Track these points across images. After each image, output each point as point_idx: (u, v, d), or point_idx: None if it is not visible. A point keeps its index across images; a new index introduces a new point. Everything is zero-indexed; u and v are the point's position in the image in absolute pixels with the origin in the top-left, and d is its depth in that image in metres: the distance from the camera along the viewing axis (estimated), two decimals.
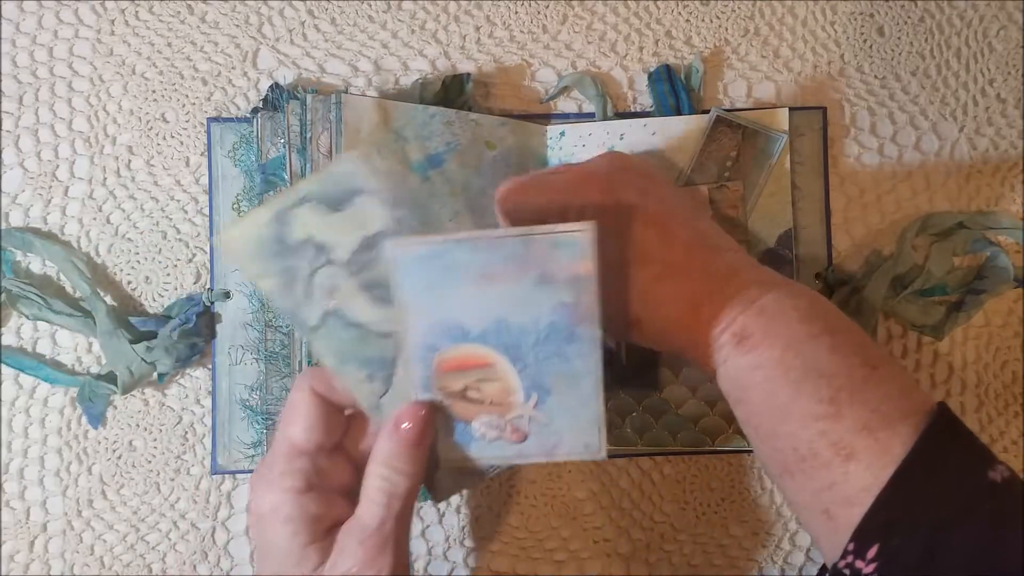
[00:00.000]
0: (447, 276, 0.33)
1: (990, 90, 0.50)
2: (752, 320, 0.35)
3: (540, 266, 0.33)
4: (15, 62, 0.50)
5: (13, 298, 0.47)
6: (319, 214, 0.34)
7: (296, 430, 0.36)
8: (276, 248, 0.34)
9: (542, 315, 0.33)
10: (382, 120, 0.44)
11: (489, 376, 0.35)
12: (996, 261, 0.48)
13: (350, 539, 0.35)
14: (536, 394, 0.35)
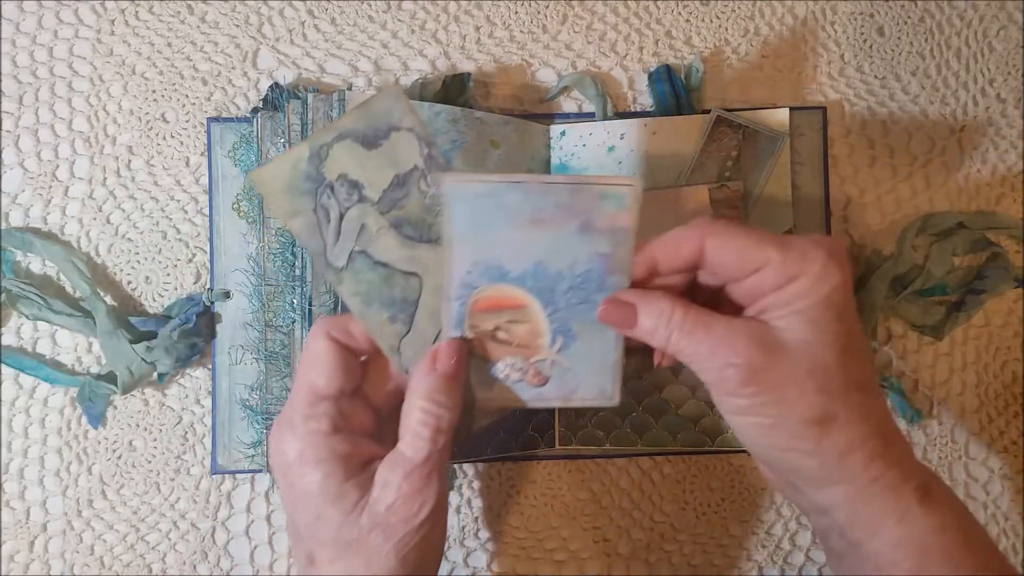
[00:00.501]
0: (497, 216, 0.34)
1: (990, 90, 0.50)
2: (928, 474, 0.33)
3: (585, 215, 0.34)
4: (15, 62, 0.50)
5: (13, 298, 0.47)
6: (355, 151, 0.35)
7: (317, 376, 0.36)
8: (309, 186, 0.34)
9: (579, 262, 0.35)
10: None
11: (520, 318, 0.36)
12: (996, 261, 0.48)
13: (394, 472, 0.35)
14: (562, 339, 0.36)
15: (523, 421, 0.47)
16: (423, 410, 0.35)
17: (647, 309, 0.34)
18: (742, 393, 0.32)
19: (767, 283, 0.32)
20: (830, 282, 0.31)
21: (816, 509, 0.35)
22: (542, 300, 0.35)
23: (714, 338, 0.32)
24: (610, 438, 0.48)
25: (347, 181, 0.35)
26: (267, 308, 0.47)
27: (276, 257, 0.46)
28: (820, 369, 0.31)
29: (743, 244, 0.32)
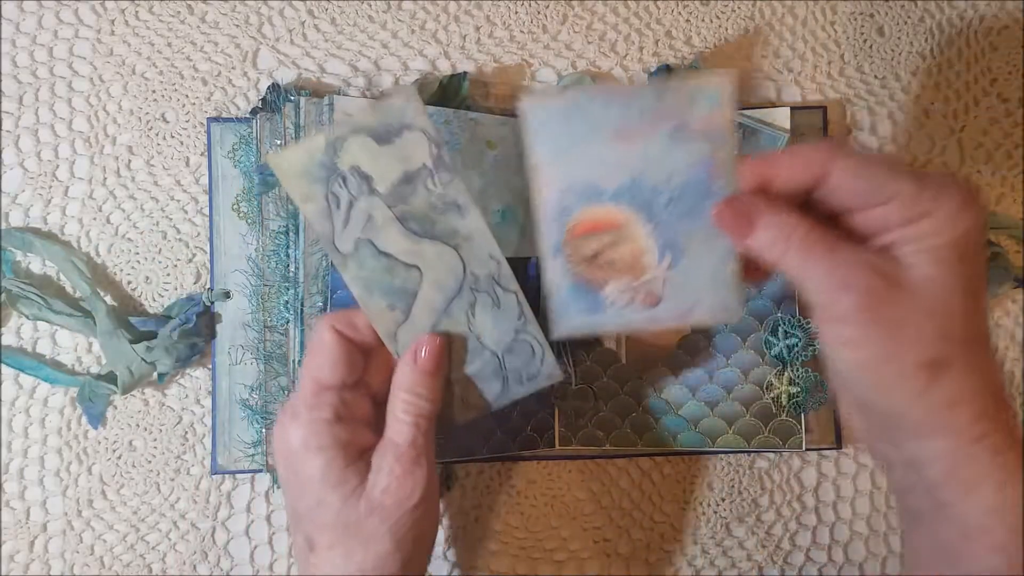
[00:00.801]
0: (581, 134, 0.32)
1: (990, 90, 0.50)
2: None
3: (676, 119, 0.32)
4: (15, 62, 0.50)
5: (13, 298, 0.47)
6: (368, 146, 0.36)
7: (321, 367, 0.38)
8: (323, 174, 0.36)
9: (677, 171, 0.33)
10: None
11: (620, 238, 0.34)
12: (996, 261, 0.48)
13: (385, 458, 0.38)
14: (670, 254, 0.34)
15: (522, 421, 0.47)
16: (404, 400, 0.38)
17: (769, 220, 0.31)
18: (856, 320, 0.30)
19: (894, 216, 0.30)
20: (964, 223, 0.29)
21: (906, 462, 0.32)
22: (642, 216, 0.33)
23: (836, 260, 0.30)
24: (610, 438, 0.48)
25: (358, 173, 0.36)
26: (263, 308, 0.47)
27: (271, 258, 0.46)
28: (943, 312, 0.29)
29: (875, 172, 0.30)
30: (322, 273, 0.44)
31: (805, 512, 0.49)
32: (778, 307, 0.47)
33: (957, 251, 0.29)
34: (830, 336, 0.31)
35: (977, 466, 0.30)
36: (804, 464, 0.49)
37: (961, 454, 0.30)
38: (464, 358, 0.40)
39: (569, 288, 0.35)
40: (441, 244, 0.38)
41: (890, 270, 0.30)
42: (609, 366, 0.48)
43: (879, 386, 0.31)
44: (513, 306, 0.39)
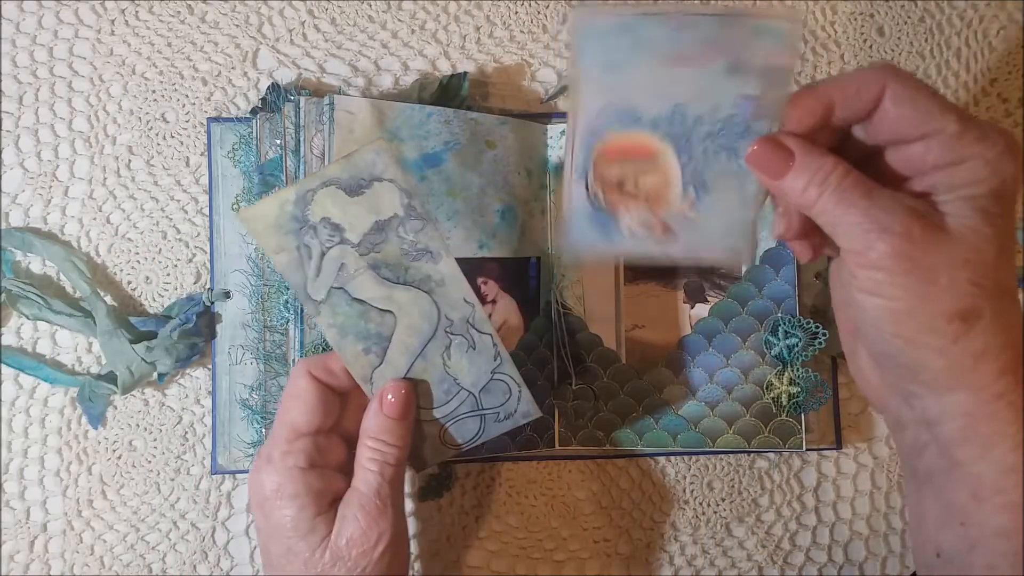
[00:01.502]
0: (631, 54, 0.31)
1: (990, 90, 0.50)
2: None
3: (735, 52, 0.30)
4: (15, 62, 0.50)
5: (13, 298, 0.47)
6: (338, 198, 0.37)
7: (297, 414, 0.38)
8: (294, 225, 0.37)
9: (723, 105, 0.31)
10: (376, 121, 0.44)
11: (649, 168, 0.33)
12: None
13: (350, 507, 0.38)
14: (694, 191, 0.33)
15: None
16: (370, 448, 0.38)
17: (805, 162, 0.30)
18: (888, 267, 0.29)
19: (933, 155, 0.29)
20: (1004, 173, 0.28)
21: (921, 420, 0.32)
22: (677, 148, 0.32)
23: (872, 204, 0.29)
24: (610, 438, 0.48)
25: (329, 224, 0.37)
26: (263, 308, 0.47)
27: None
28: (979, 262, 0.28)
29: (926, 104, 0.29)
30: None
31: (805, 512, 0.49)
32: (778, 307, 0.47)
33: (997, 201, 0.29)
34: (862, 283, 0.30)
35: (996, 424, 0.29)
36: (804, 464, 0.49)
37: (981, 411, 0.29)
38: (440, 399, 0.40)
39: (587, 213, 0.34)
40: (415, 290, 0.38)
41: (930, 215, 0.29)
42: (609, 366, 0.48)
43: (907, 335, 0.30)
44: (489, 347, 0.40)
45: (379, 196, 0.37)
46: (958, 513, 0.31)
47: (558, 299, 0.48)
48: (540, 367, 0.48)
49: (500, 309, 0.47)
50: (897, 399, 0.33)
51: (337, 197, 0.37)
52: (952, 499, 0.31)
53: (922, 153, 0.29)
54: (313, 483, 0.38)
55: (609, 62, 0.31)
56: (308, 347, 0.44)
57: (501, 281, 0.47)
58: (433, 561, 0.49)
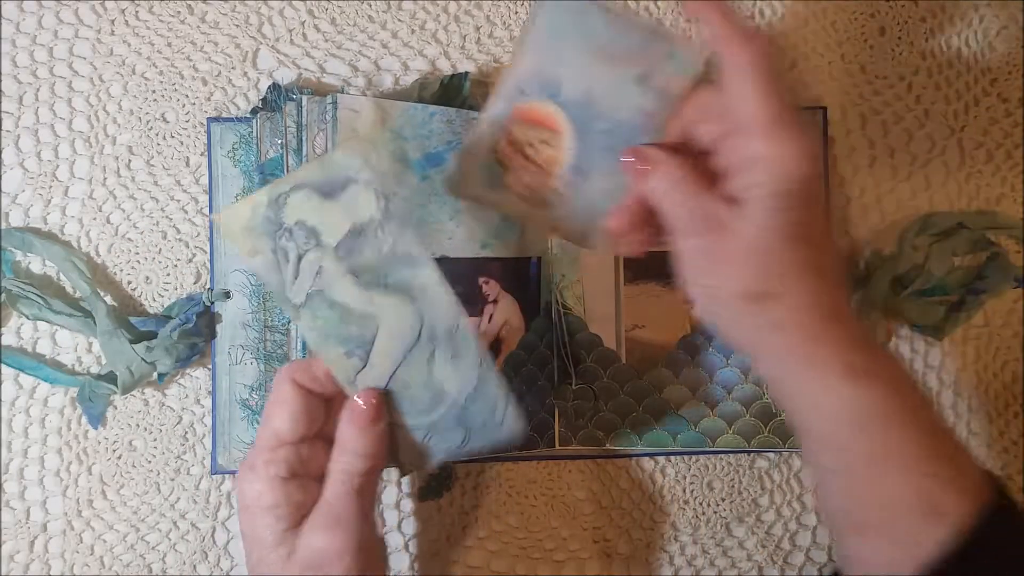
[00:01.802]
0: (574, 35, 0.36)
1: (990, 90, 0.50)
2: (864, 354, 0.34)
3: (648, 66, 0.35)
4: (15, 62, 0.50)
5: (13, 298, 0.47)
6: (312, 200, 0.36)
7: (280, 421, 0.37)
8: (269, 228, 0.36)
9: (622, 109, 0.37)
10: (379, 120, 0.44)
11: (551, 141, 0.38)
12: (996, 261, 0.48)
13: (316, 518, 0.37)
14: (572, 175, 0.39)
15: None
16: (338, 458, 0.38)
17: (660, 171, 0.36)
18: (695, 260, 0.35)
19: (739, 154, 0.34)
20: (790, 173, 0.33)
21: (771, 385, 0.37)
22: (576, 132, 0.37)
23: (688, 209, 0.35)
24: (610, 438, 0.48)
25: (305, 227, 0.36)
26: (265, 308, 0.47)
27: None
28: (764, 250, 0.33)
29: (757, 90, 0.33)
30: None
31: (805, 512, 0.49)
32: None
33: (782, 202, 0.33)
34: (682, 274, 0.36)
35: (809, 382, 0.34)
36: (804, 464, 0.49)
37: (794, 373, 0.34)
38: (425, 406, 0.39)
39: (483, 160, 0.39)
40: (395, 296, 0.37)
41: (723, 216, 0.34)
42: (609, 366, 0.48)
43: (719, 315, 0.36)
44: (474, 358, 0.38)
45: (355, 199, 0.36)
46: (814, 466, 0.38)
47: (558, 299, 0.48)
48: (540, 367, 0.48)
49: (501, 309, 0.47)
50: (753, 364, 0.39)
51: (311, 199, 0.36)
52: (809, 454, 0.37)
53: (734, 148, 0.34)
54: (292, 494, 0.37)
55: (555, 34, 0.36)
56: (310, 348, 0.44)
57: (502, 281, 0.47)
58: (433, 561, 0.49)
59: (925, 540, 0.32)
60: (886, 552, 0.33)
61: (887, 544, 0.33)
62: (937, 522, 0.32)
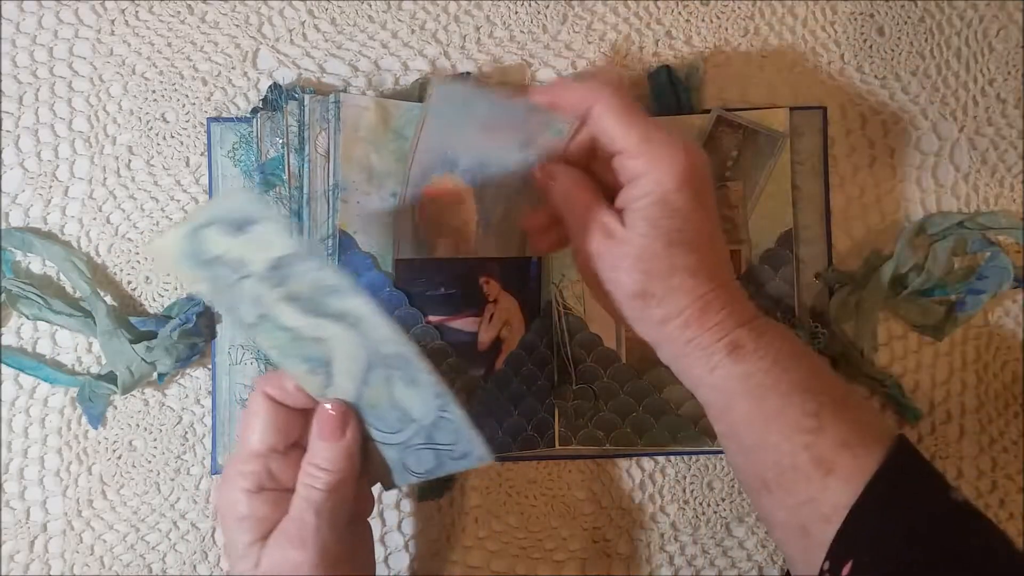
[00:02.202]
0: (462, 117, 0.41)
1: (990, 90, 0.50)
2: (746, 333, 0.37)
3: (529, 135, 0.40)
4: (15, 62, 0.50)
5: (13, 298, 0.47)
6: (226, 236, 0.35)
7: (250, 433, 0.38)
8: (199, 259, 0.35)
9: (511, 167, 0.42)
10: (381, 119, 0.44)
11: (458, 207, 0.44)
12: (996, 261, 0.48)
13: (278, 531, 0.37)
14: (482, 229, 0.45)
15: (522, 421, 0.47)
16: (305, 472, 0.37)
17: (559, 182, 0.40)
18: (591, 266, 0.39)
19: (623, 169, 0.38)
20: (664, 186, 0.36)
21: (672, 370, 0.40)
22: (476, 194, 0.44)
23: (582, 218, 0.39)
24: (610, 438, 0.48)
25: (228, 260, 0.35)
26: None
27: None
28: (645, 257, 0.37)
29: (615, 125, 0.38)
30: None
31: None
32: (777, 307, 0.47)
33: (660, 208, 0.37)
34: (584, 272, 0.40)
35: (692, 361, 0.38)
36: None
37: (680, 356, 0.38)
38: (393, 427, 0.38)
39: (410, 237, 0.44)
40: (338, 324, 0.36)
41: (611, 227, 0.38)
42: (609, 366, 0.48)
43: (614, 311, 0.40)
44: (431, 386, 0.37)
45: (264, 235, 0.34)
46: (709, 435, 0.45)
47: (559, 299, 0.48)
48: (540, 367, 0.48)
49: (502, 309, 0.47)
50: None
51: (224, 235, 0.34)
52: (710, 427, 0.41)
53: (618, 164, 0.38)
54: (258, 508, 0.37)
55: (447, 120, 0.41)
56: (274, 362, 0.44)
57: (503, 281, 0.47)
58: (433, 561, 0.49)
59: (821, 495, 0.34)
60: (790, 506, 0.36)
61: (790, 499, 0.36)
62: (830, 477, 0.34)
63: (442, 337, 0.45)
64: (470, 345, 0.46)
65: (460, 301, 0.46)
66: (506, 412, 0.47)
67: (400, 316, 0.44)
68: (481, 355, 0.46)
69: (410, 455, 0.39)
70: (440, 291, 0.45)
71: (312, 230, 0.44)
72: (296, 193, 0.45)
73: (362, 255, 0.44)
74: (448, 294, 0.46)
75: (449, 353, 0.46)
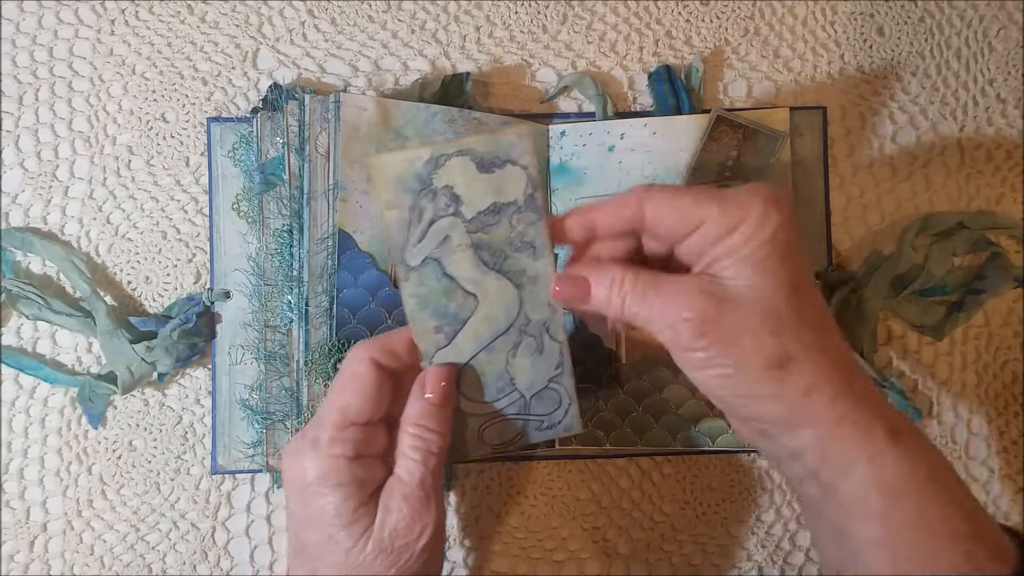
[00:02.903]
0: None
1: (990, 90, 0.50)
2: (900, 419, 0.33)
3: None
4: (15, 62, 0.50)
5: (13, 298, 0.47)
6: (468, 170, 0.36)
7: (352, 400, 0.37)
8: (416, 186, 0.36)
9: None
10: (382, 119, 0.44)
11: None
12: (996, 261, 0.48)
13: (394, 497, 0.37)
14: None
15: None
16: (412, 435, 0.37)
17: (598, 279, 0.35)
18: (697, 346, 0.32)
19: (709, 237, 0.32)
20: (770, 225, 0.31)
21: (789, 455, 0.34)
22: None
23: (664, 296, 0.33)
24: (610, 438, 0.48)
25: (450, 193, 0.36)
26: (265, 308, 0.47)
27: (274, 257, 0.46)
28: (771, 313, 0.31)
29: (682, 203, 0.33)
30: (327, 272, 0.44)
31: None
32: None
33: (771, 251, 0.32)
34: (684, 365, 0.34)
35: (845, 445, 0.32)
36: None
37: (829, 437, 0.32)
38: (491, 395, 0.39)
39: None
40: (505, 280, 0.37)
41: (716, 288, 0.32)
42: (609, 366, 0.48)
43: (739, 395, 0.33)
44: (555, 356, 0.39)
45: (507, 179, 0.36)
46: (839, 531, 0.33)
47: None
48: None
49: None
50: (763, 440, 0.35)
51: (467, 169, 0.36)
52: (831, 519, 0.34)
53: (699, 241, 0.33)
54: (358, 472, 0.37)
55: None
56: (314, 348, 0.44)
57: None
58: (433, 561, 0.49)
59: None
60: None
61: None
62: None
63: None
64: None
65: None
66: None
67: (400, 316, 0.45)
68: None
69: (493, 426, 0.40)
70: None
71: (312, 229, 0.44)
72: (296, 193, 0.45)
73: (361, 254, 0.44)
74: None
75: None
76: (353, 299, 0.44)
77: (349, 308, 0.45)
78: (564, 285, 0.36)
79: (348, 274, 0.44)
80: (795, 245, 0.32)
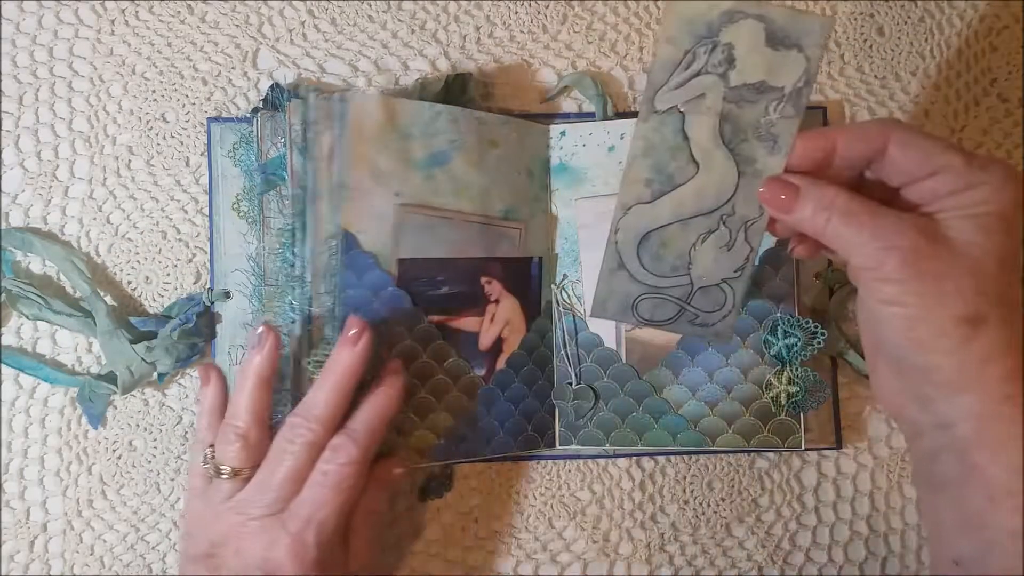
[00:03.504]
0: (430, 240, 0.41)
1: (990, 90, 0.50)
2: None
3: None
4: (15, 62, 0.50)
5: (13, 298, 0.47)
6: (756, 36, 0.35)
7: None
8: (701, 32, 0.35)
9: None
10: (387, 118, 0.44)
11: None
12: None
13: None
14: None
15: (522, 421, 0.47)
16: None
17: (810, 191, 0.34)
18: (898, 277, 0.32)
19: (944, 187, 0.32)
20: (1008, 194, 0.31)
21: (937, 424, 0.33)
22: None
23: (879, 222, 0.32)
24: (610, 438, 0.48)
25: (728, 52, 0.35)
26: (266, 308, 0.47)
27: (276, 257, 0.46)
28: (982, 272, 0.31)
29: (929, 145, 0.32)
30: (331, 272, 0.44)
31: (805, 512, 0.49)
32: (777, 307, 0.47)
33: (1000, 220, 0.32)
34: (875, 296, 0.33)
35: (1005, 424, 0.31)
36: (804, 464, 0.49)
37: (990, 412, 0.31)
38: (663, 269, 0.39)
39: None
40: (732, 162, 0.36)
41: (935, 230, 0.32)
42: (609, 366, 0.48)
43: (918, 341, 0.32)
44: (741, 258, 0.39)
45: (786, 63, 0.35)
46: (975, 517, 0.32)
47: (559, 299, 0.48)
48: (540, 367, 0.48)
49: (503, 309, 0.47)
50: (914, 404, 0.34)
51: (756, 35, 0.35)
52: (969, 503, 0.32)
53: (932, 187, 0.32)
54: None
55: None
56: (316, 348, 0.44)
57: (505, 281, 0.47)
58: (433, 561, 0.49)
59: None
60: None
61: None
62: None
63: (444, 337, 0.45)
64: (472, 345, 0.46)
65: (462, 301, 0.46)
66: (506, 412, 0.47)
67: (401, 315, 0.44)
68: (483, 355, 0.47)
69: (650, 300, 0.40)
70: (442, 291, 0.45)
71: (316, 229, 0.44)
72: (299, 192, 0.45)
73: (364, 254, 0.44)
74: (450, 294, 0.46)
75: (450, 353, 0.46)
76: (357, 299, 0.44)
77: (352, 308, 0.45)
78: (773, 188, 0.35)
79: (352, 274, 0.44)
80: (1018, 223, 0.32)
